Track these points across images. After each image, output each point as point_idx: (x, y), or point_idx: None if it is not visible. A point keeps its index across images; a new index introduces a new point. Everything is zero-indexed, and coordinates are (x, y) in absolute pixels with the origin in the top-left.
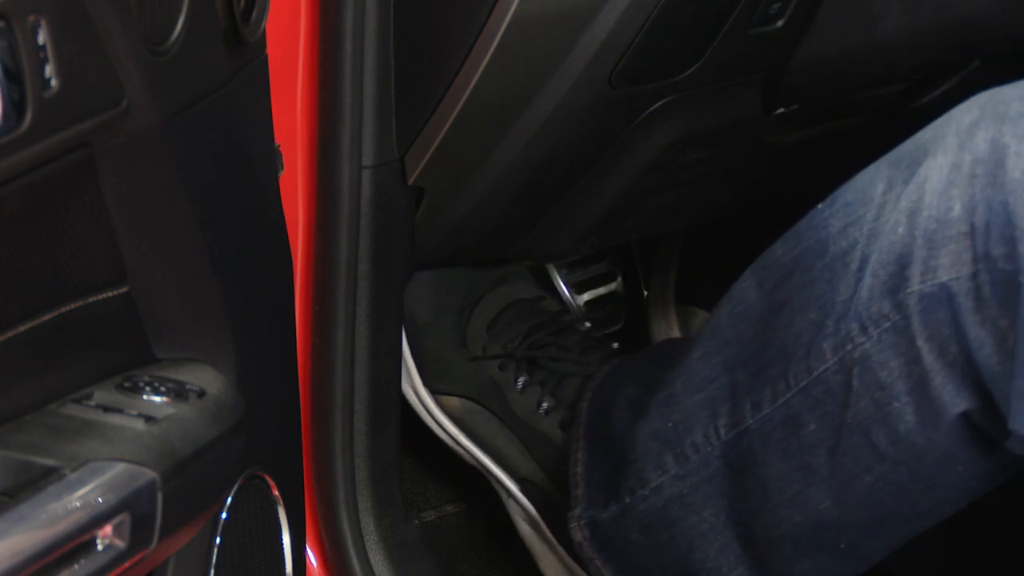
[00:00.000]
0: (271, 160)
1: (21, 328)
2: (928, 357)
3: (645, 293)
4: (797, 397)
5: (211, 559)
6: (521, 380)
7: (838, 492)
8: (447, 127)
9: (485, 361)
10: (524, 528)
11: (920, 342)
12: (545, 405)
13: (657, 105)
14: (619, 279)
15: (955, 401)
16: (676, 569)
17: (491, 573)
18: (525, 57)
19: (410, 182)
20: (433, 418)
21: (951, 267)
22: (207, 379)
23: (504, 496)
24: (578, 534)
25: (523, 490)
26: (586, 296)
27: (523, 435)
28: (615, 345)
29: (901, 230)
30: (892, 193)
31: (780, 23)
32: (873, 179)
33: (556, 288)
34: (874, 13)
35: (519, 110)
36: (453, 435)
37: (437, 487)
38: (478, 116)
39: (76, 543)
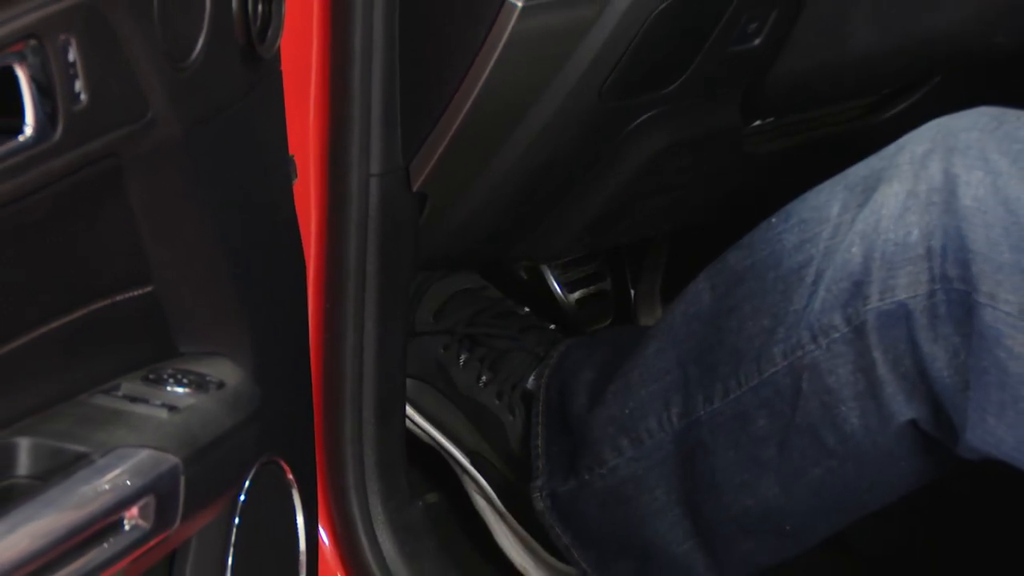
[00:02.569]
0: (285, 168)
1: (54, 324)
2: (882, 368)
3: (632, 292)
4: (747, 396)
5: (230, 538)
6: (463, 357)
7: (786, 482)
8: (449, 137)
9: (431, 343)
10: (478, 501)
11: (876, 354)
12: (483, 379)
13: (644, 116)
14: (608, 279)
15: (904, 410)
16: (629, 542)
17: (490, 550)
18: (522, 71)
19: (415, 189)
20: None
21: (909, 287)
22: (226, 371)
23: (458, 471)
24: (539, 503)
25: (473, 463)
26: (577, 294)
27: (466, 409)
28: (552, 327)
29: (855, 250)
30: (847, 215)
31: (757, 42)
32: (828, 200)
33: (549, 286)
34: (845, 32)
35: (517, 121)
36: (408, 415)
37: (439, 471)
38: (479, 126)
39: (104, 524)
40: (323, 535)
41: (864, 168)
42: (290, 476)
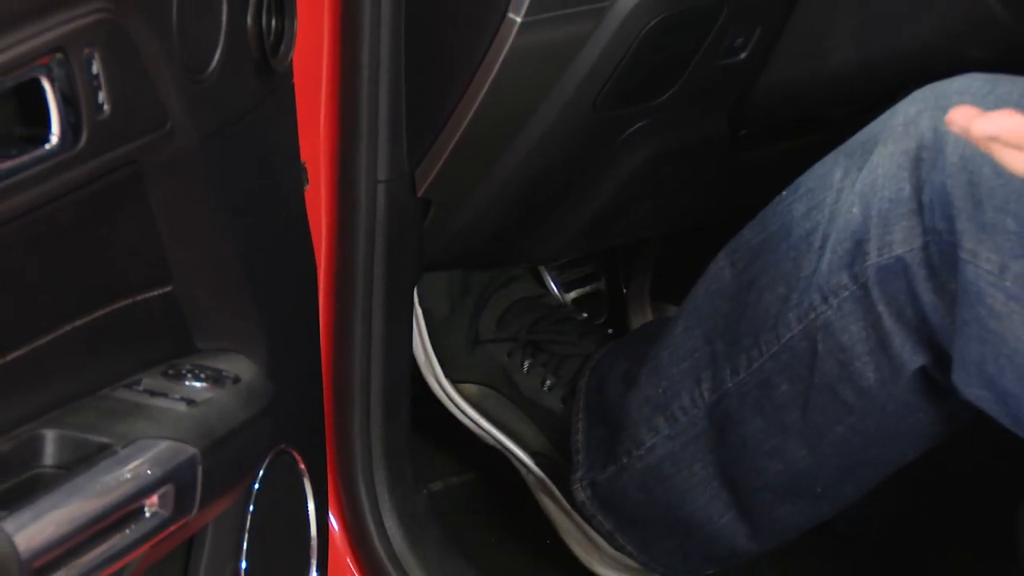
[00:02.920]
0: (297, 175)
1: (78, 322)
2: (888, 321)
3: (624, 291)
4: (768, 363)
5: (245, 524)
6: (527, 364)
7: (812, 443)
8: (452, 145)
9: (496, 350)
10: (542, 499)
11: (880, 308)
12: (548, 383)
13: (637, 125)
14: (603, 279)
15: (913, 358)
16: (671, 519)
17: (491, 537)
18: (521, 83)
19: (419, 194)
20: (455, 404)
21: (904, 241)
22: (241, 367)
23: (523, 471)
24: (580, 494)
25: (537, 463)
26: (573, 294)
27: (531, 412)
28: (610, 331)
29: (855, 210)
30: (848, 179)
31: (743, 56)
32: (831, 167)
33: (547, 286)
34: (826, 46)
35: (516, 130)
36: (473, 418)
37: (444, 460)
38: (480, 135)
39: (126, 511)
40: (333, 521)
41: (863, 134)
42: (302, 466)
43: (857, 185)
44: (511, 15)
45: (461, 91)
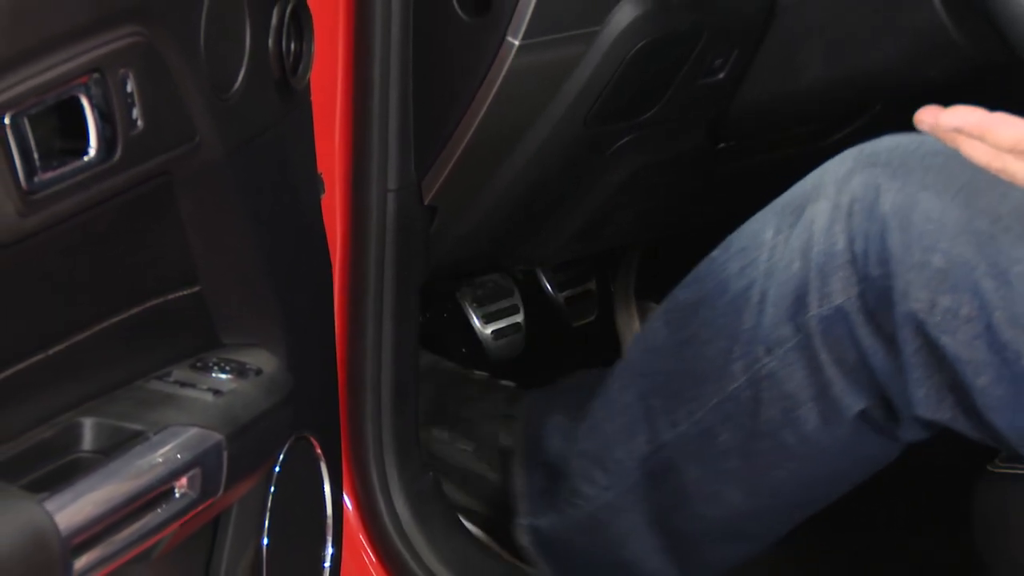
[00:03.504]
0: (314, 185)
1: (114, 319)
2: (830, 369)
3: (612, 291)
4: (710, 414)
5: (267, 504)
6: (445, 435)
7: (751, 488)
8: (456, 157)
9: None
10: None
11: (823, 356)
12: (468, 449)
13: (624, 140)
14: (593, 280)
15: (854, 402)
16: (608, 563)
17: None
18: (518, 101)
19: (426, 202)
20: None
21: (842, 291)
22: (263, 360)
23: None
24: (523, 539)
25: (467, 518)
26: (566, 293)
27: (453, 477)
28: (512, 384)
29: (794, 266)
30: (780, 236)
31: (722, 75)
32: (762, 226)
33: (542, 286)
34: (797, 66)
35: (514, 144)
36: None
37: None
38: (481, 148)
39: (158, 492)
40: (347, 501)
41: (790, 195)
42: (318, 450)
43: (793, 241)
44: (510, 38)
45: (464, 107)
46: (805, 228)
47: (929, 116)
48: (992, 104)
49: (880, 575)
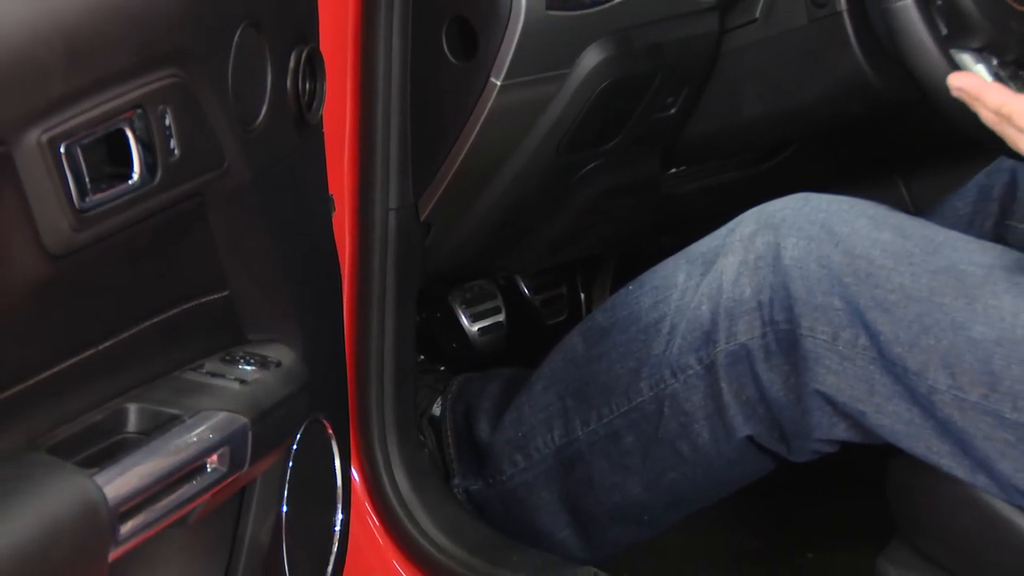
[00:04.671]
0: (326, 204)
1: (155, 319)
2: (728, 396)
3: (582, 295)
4: (618, 419)
5: (286, 477)
6: None
7: (648, 483)
8: (448, 180)
9: None
10: None
11: (723, 385)
12: None
13: (590, 166)
14: (564, 285)
15: (744, 427)
16: (522, 530)
17: None
18: (500, 133)
19: (422, 219)
20: None
21: (746, 331)
22: (282, 354)
23: None
24: (459, 495)
25: None
26: (541, 296)
27: None
28: (442, 368)
29: (704, 308)
30: (692, 281)
31: (673, 111)
32: (674, 270)
33: (520, 290)
34: (737, 104)
35: (496, 169)
36: None
37: None
38: (469, 173)
39: (192, 467)
40: (355, 474)
41: (702, 246)
42: (330, 431)
43: (703, 288)
44: (493, 79)
45: (454, 138)
46: (715, 278)
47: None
48: (901, 136)
49: (807, 535)
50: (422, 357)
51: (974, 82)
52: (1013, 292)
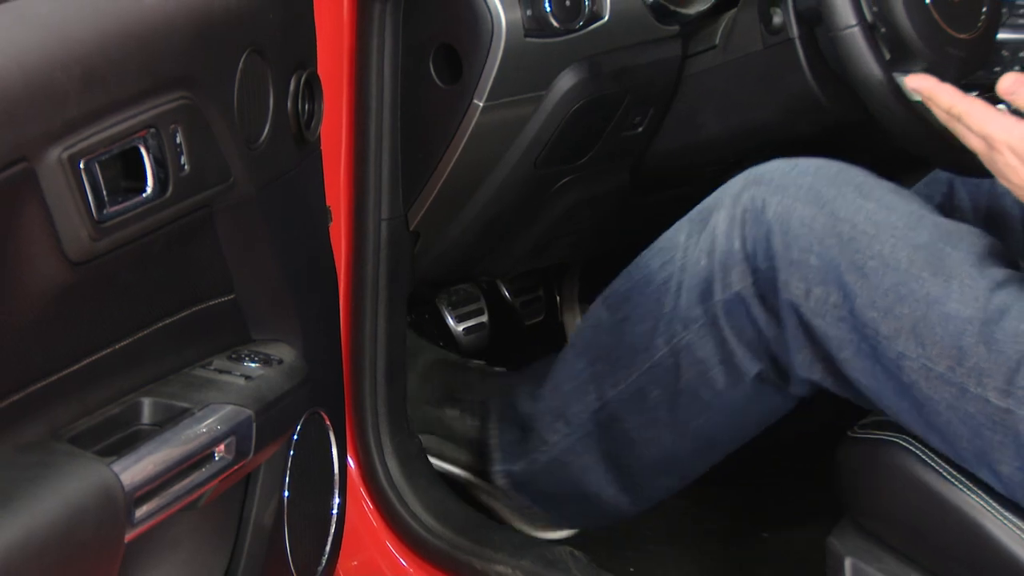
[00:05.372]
0: (324, 215)
1: (168, 320)
2: (732, 341)
3: (558, 297)
4: (643, 376)
5: (287, 464)
6: (457, 412)
7: (678, 433)
8: (435, 193)
9: (426, 407)
10: (474, 492)
11: (726, 332)
12: (472, 422)
13: (565, 179)
14: (541, 288)
15: (752, 366)
16: (572, 493)
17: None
18: (482, 149)
19: (411, 228)
20: None
21: (739, 281)
22: (284, 352)
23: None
24: (499, 481)
25: (462, 468)
26: (521, 298)
27: (463, 444)
28: (499, 369)
29: (703, 262)
30: (691, 240)
31: (640, 129)
32: (677, 232)
33: (501, 292)
34: (698, 123)
35: (479, 183)
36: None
37: None
38: (454, 186)
39: (202, 455)
40: (350, 462)
41: (698, 208)
42: (327, 422)
43: (701, 244)
44: (476, 101)
45: (441, 154)
46: (709, 233)
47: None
48: (848, 152)
49: (765, 516)
50: (476, 361)
51: (928, 83)
52: (988, 276)
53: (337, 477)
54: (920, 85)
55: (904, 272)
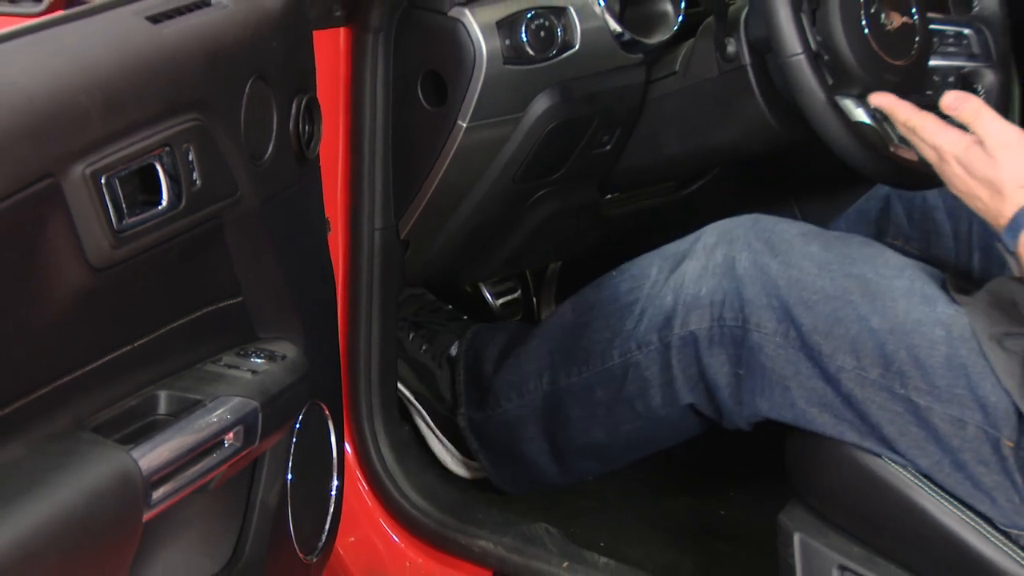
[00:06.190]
0: (323, 226)
1: (181, 321)
2: (676, 369)
3: (535, 299)
4: (593, 376)
5: (290, 450)
6: (411, 335)
7: (609, 431)
8: (423, 206)
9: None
10: (419, 421)
11: (674, 361)
12: (424, 348)
13: (540, 193)
14: (520, 291)
15: (687, 397)
16: (512, 453)
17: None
18: (466, 166)
19: (402, 237)
20: None
21: (697, 323)
22: (287, 349)
23: (407, 403)
24: (462, 422)
25: (416, 399)
26: (501, 300)
27: (413, 366)
28: (465, 317)
29: (668, 298)
30: (662, 275)
31: (608, 148)
32: (649, 264)
33: (483, 295)
34: (660, 143)
35: (463, 196)
36: None
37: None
38: (440, 199)
39: (212, 443)
40: (347, 448)
41: (673, 247)
42: (326, 412)
43: (671, 282)
44: (460, 122)
45: (428, 170)
46: (680, 276)
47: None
48: (795, 168)
49: (722, 497)
50: (450, 307)
51: (889, 100)
52: (906, 296)
53: (335, 462)
54: (882, 102)
55: (840, 299)
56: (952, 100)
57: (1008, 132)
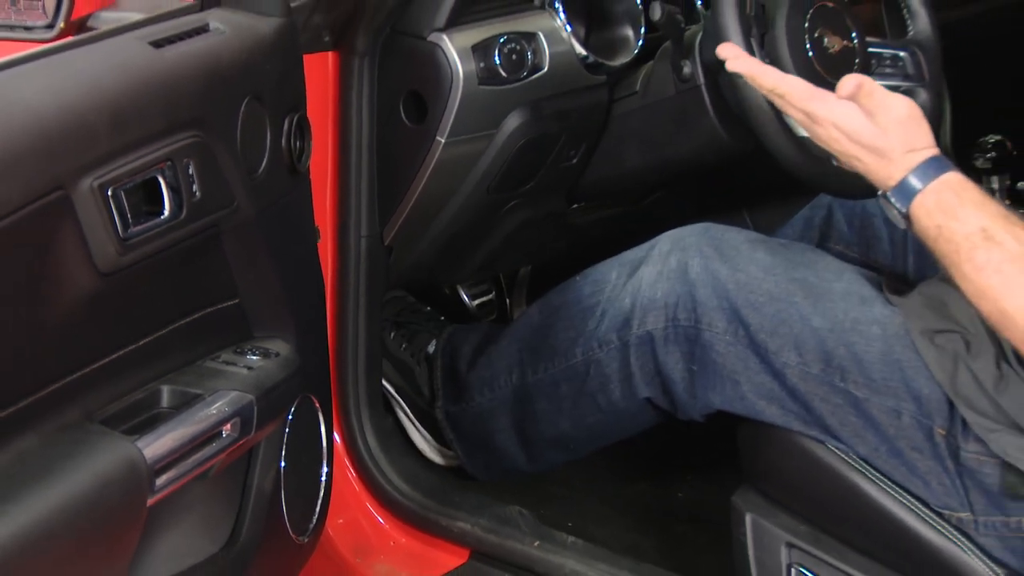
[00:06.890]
0: (313, 234)
1: (183, 321)
2: (635, 367)
3: (508, 300)
4: (558, 372)
5: (283, 440)
6: (392, 334)
7: (574, 423)
8: (405, 215)
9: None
10: (400, 413)
11: (632, 359)
12: (403, 346)
13: (512, 203)
14: (494, 292)
15: (644, 391)
16: (484, 444)
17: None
18: (444, 178)
19: (386, 244)
20: None
21: (653, 323)
22: (280, 347)
23: (389, 397)
24: (439, 414)
25: (397, 392)
26: (476, 301)
27: (394, 363)
28: (443, 318)
29: (627, 301)
30: (621, 280)
31: (574, 161)
32: (610, 269)
33: (460, 297)
34: (622, 156)
35: (441, 206)
36: None
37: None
38: (420, 209)
39: (211, 433)
40: (336, 437)
41: (631, 254)
42: (317, 405)
43: (628, 286)
44: (438, 138)
45: (410, 182)
46: (637, 280)
47: (725, 52)
48: (746, 178)
49: (680, 481)
50: (428, 308)
51: (750, 64)
52: (845, 297)
53: (325, 450)
54: (742, 67)
55: (784, 300)
56: (850, 88)
57: (899, 107)
